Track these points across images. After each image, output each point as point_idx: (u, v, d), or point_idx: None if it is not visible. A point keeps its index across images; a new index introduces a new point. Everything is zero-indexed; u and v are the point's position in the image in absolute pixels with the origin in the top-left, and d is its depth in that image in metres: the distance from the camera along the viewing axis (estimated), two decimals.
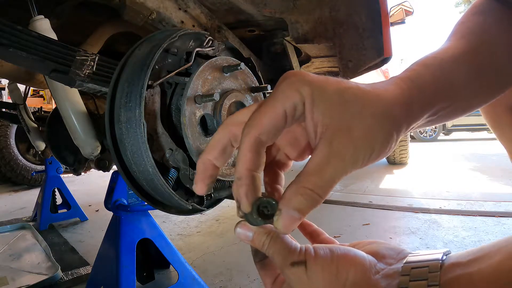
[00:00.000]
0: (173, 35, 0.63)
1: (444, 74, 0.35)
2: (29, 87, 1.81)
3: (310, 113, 0.30)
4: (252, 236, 0.32)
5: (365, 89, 0.31)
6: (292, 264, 0.30)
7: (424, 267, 0.29)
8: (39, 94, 5.50)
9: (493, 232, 1.79)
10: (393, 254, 0.33)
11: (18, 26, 0.67)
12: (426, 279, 0.28)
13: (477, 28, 0.42)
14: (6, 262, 1.66)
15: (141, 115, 0.56)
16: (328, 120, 0.29)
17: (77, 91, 1.03)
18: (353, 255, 0.31)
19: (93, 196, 3.33)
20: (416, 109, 0.32)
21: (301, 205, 0.29)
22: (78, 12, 1.15)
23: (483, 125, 8.80)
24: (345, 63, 1.14)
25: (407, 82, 0.33)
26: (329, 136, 0.29)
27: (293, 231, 0.30)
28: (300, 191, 0.29)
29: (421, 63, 0.36)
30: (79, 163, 1.45)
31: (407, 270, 0.29)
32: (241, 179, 0.31)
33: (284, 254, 0.31)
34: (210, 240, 1.90)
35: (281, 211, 0.29)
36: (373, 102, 0.30)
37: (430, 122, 0.37)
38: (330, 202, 2.68)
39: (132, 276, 1.09)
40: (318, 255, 0.31)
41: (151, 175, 0.58)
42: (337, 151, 0.28)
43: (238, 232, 0.32)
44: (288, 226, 0.29)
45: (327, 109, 0.29)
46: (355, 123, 0.29)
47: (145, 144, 0.56)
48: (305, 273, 0.30)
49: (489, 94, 0.41)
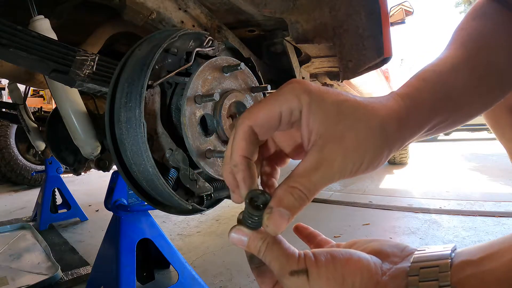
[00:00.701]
0: (173, 35, 0.63)
1: (443, 88, 0.35)
2: (29, 87, 1.81)
3: (306, 120, 0.30)
4: (247, 241, 0.31)
5: (363, 102, 0.31)
6: (292, 273, 0.29)
7: (434, 266, 0.28)
8: (39, 94, 5.50)
9: (493, 232, 1.79)
10: (397, 252, 0.32)
11: (18, 26, 0.67)
12: (436, 280, 0.27)
13: (476, 34, 0.42)
14: (6, 262, 1.66)
15: (141, 115, 0.56)
16: (322, 129, 0.30)
17: (77, 91, 1.03)
18: (356, 258, 0.30)
19: (93, 196, 3.33)
20: (413, 126, 0.33)
21: (290, 204, 0.29)
22: (78, 12, 1.15)
23: (483, 125, 8.79)
24: (345, 63, 1.14)
25: (405, 99, 0.33)
26: (321, 143, 0.30)
27: (282, 231, 0.30)
28: (290, 190, 0.29)
29: (419, 77, 0.37)
30: (79, 163, 1.45)
31: (415, 270, 0.28)
32: (237, 166, 0.31)
33: (282, 262, 0.30)
34: (210, 240, 1.90)
35: (272, 209, 0.29)
36: (368, 116, 0.30)
37: (429, 134, 0.37)
38: (330, 202, 2.68)
39: (132, 276, 1.09)
40: (319, 261, 0.30)
41: (151, 175, 0.58)
42: (327, 158, 0.29)
43: (232, 237, 0.32)
44: (278, 224, 0.29)
45: (322, 119, 0.30)
46: (348, 134, 0.29)
47: (145, 144, 0.56)
48: (307, 283, 0.29)
49: (489, 101, 0.41)
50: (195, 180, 0.68)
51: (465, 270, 0.27)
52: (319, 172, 0.29)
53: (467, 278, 0.26)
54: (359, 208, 2.46)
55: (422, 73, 0.37)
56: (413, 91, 0.34)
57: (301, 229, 0.41)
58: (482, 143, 7.72)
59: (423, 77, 0.36)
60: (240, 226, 0.32)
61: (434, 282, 0.27)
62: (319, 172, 0.29)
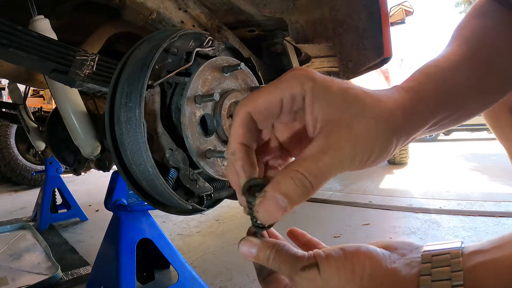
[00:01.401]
0: (173, 35, 0.63)
1: (446, 84, 0.35)
2: (29, 87, 1.80)
3: (310, 107, 0.29)
4: (256, 251, 0.30)
5: (368, 92, 0.30)
6: (303, 268, 0.29)
7: (446, 253, 0.28)
8: (39, 94, 5.50)
9: (493, 232, 1.79)
10: (405, 246, 0.32)
11: (18, 26, 0.67)
12: (449, 265, 0.27)
13: (478, 32, 0.42)
14: (6, 262, 1.66)
15: (141, 115, 0.56)
16: (328, 116, 0.28)
17: (77, 91, 1.03)
18: (365, 249, 0.30)
19: (93, 196, 3.33)
20: (418, 119, 0.32)
21: (290, 190, 0.26)
22: (78, 12, 1.15)
23: (483, 125, 8.80)
24: (345, 63, 1.14)
25: (410, 93, 0.32)
26: (328, 130, 0.28)
27: (275, 223, 0.28)
28: (291, 174, 0.27)
29: (423, 72, 0.36)
30: (79, 163, 1.45)
31: (428, 258, 0.28)
32: (235, 153, 0.29)
33: (292, 262, 0.29)
34: (210, 240, 1.90)
35: (265, 193, 0.27)
36: (375, 105, 0.29)
37: (432, 131, 0.37)
38: (330, 202, 2.69)
39: (132, 276, 1.09)
40: (329, 255, 0.29)
41: (151, 175, 0.58)
42: (336, 142, 0.27)
43: (242, 250, 0.31)
44: (270, 212, 0.27)
45: (328, 106, 0.28)
46: (356, 121, 0.28)
47: (145, 144, 0.56)
48: (319, 275, 0.28)
49: (489, 100, 0.41)
50: (195, 180, 0.68)
51: (477, 257, 0.27)
52: (328, 156, 0.27)
53: (479, 264, 0.26)
54: (359, 208, 2.46)
55: (425, 68, 0.37)
56: (416, 85, 0.34)
57: (298, 236, 0.38)
58: (482, 143, 7.72)
59: (427, 72, 0.36)
60: (248, 237, 0.30)
61: (446, 267, 0.27)
62: (328, 156, 0.27)
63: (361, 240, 1.77)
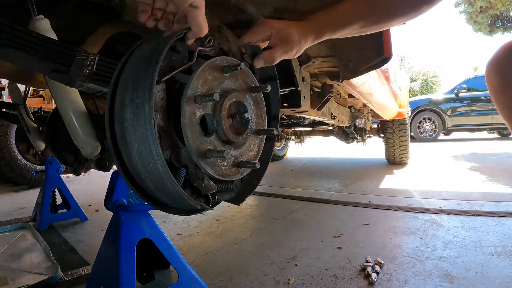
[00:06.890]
0: (179, 32, 0.63)
1: (333, 11, 0.75)
2: (29, 87, 1.81)
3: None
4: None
5: (292, 22, 0.74)
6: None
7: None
8: (39, 94, 5.49)
9: (493, 232, 1.80)
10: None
11: (18, 26, 0.67)
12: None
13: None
14: (6, 262, 1.66)
15: (151, 111, 0.55)
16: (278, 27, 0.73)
17: (77, 91, 1.03)
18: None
19: (93, 196, 3.33)
20: (311, 34, 0.74)
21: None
22: (78, 12, 1.15)
23: (483, 125, 8.81)
24: (345, 63, 1.14)
25: (307, 22, 0.75)
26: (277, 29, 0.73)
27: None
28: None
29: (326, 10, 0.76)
30: (79, 163, 1.45)
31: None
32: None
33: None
34: (210, 240, 1.90)
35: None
36: (295, 25, 0.73)
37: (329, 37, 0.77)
38: (330, 202, 2.69)
39: (132, 276, 1.09)
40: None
41: (160, 174, 0.57)
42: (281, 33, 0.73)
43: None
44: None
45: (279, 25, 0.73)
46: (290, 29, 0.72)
47: (155, 141, 0.55)
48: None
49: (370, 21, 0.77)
50: (202, 178, 0.67)
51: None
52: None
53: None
54: (359, 208, 2.46)
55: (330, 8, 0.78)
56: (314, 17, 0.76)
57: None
58: (482, 143, 7.72)
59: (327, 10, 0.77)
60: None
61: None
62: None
63: (361, 240, 1.77)
